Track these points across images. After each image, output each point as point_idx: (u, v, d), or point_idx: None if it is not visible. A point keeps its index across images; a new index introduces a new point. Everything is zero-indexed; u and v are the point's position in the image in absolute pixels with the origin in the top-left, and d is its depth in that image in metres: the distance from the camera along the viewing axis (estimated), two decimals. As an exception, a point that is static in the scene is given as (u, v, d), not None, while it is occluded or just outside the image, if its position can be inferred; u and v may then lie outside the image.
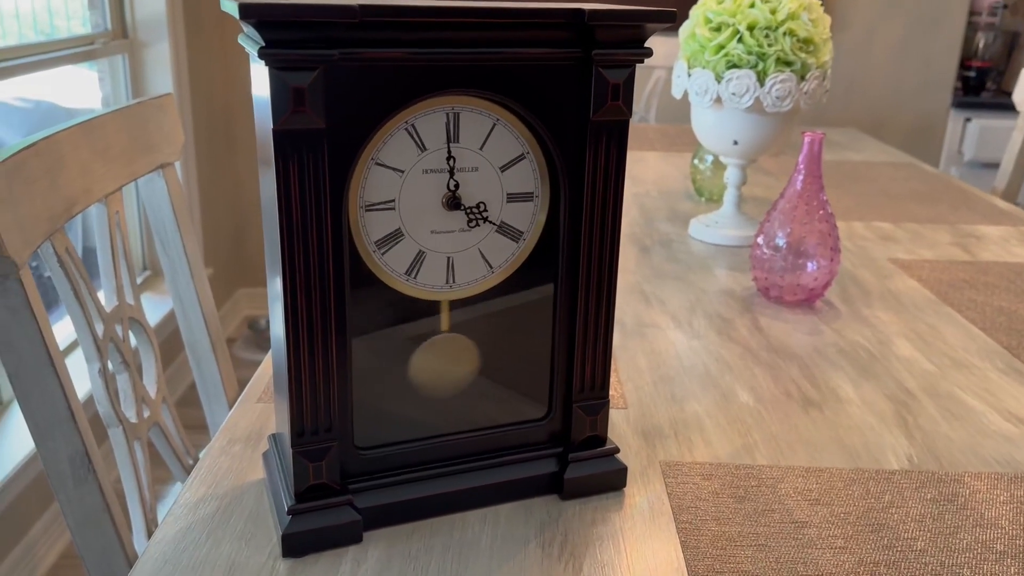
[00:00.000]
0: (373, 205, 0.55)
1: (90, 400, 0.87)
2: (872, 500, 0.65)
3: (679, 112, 2.62)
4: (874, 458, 0.71)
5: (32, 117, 2.16)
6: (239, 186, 2.93)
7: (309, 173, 0.51)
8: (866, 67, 2.99)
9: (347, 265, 0.55)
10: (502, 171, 0.58)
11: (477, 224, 0.59)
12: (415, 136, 0.55)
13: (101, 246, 0.92)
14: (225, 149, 2.83)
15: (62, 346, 1.90)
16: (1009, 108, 2.96)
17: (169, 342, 2.34)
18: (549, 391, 0.64)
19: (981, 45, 3.09)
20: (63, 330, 1.98)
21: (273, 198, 0.52)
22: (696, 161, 1.47)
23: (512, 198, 0.59)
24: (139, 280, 2.43)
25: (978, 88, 3.10)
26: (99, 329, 0.86)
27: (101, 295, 0.91)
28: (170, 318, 2.30)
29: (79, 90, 2.33)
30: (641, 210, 1.42)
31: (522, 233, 0.60)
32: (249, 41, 0.51)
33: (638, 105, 2.52)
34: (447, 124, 0.56)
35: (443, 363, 0.62)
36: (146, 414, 0.93)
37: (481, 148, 0.57)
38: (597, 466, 0.64)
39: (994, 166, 2.74)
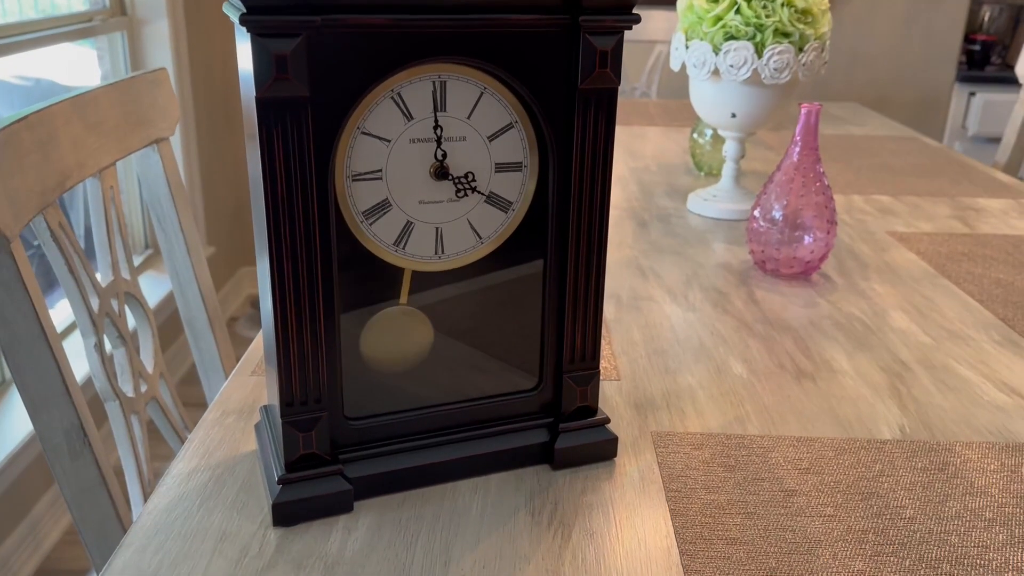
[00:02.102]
0: (360, 175, 0.55)
1: (90, 379, 0.88)
2: (863, 469, 0.65)
3: (681, 87, 2.60)
4: (866, 428, 0.71)
5: (32, 95, 2.15)
6: (240, 165, 2.92)
7: (293, 142, 0.51)
8: (869, 41, 2.96)
9: (334, 235, 0.55)
10: (490, 140, 0.58)
11: (465, 194, 0.58)
12: (401, 105, 0.55)
13: (96, 221, 0.92)
14: (225, 127, 2.83)
15: (61, 327, 1.91)
16: (1014, 82, 2.94)
17: (172, 321, 2.34)
18: (540, 362, 0.64)
19: (986, 18, 3.07)
20: (64, 311, 1.99)
21: (259, 169, 0.52)
22: (695, 135, 1.47)
23: (501, 168, 0.59)
24: (141, 259, 2.43)
25: (983, 62, 3.08)
26: (95, 304, 0.86)
27: (100, 275, 0.91)
28: (173, 297, 2.31)
29: (78, 68, 2.33)
30: (640, 185, 1.41)
31: (511, 203, 0.60)
32: (232, 9, 0.50)
33: (639, 80, 2.50)
34: (434, 92, 0.55)
35: (393, 337, 0.61)
36: (143, 389, 0.93)
37: (469, 117, 0.57)
38: (588, 436, 0.64)
39: (999, 140, 2.73)
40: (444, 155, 0.57)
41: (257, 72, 0.49)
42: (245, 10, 0.47)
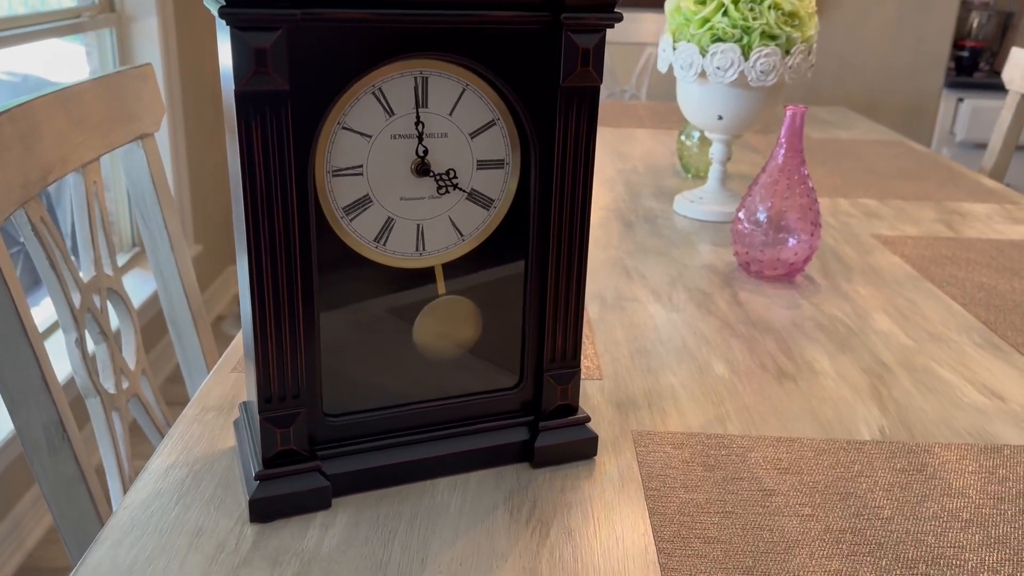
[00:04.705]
0: (340, 170, 0.55)
1: (72, 378, 0.87)
2: (841, 469, 0.65)
3: (671, 90, 2.61)
4: (846, 429, 0.71)
5: (19, 91, 2.14)
6: (229, 163, 2.91)
7: (273, 136, 0.50)
8: (858, 46, 2.98)
9: (313, 230, 0.55)
10: (472, 137, 0.58)
11: (447, 191, 0.58)
12: (382, 100, 0.54)
13: (79, 216, 0.92)
14: (214, 125, 2.82)
15: (44, 327, 1.90)
16: (1001, 88, 2.96)
17: (157, 320, 2.33)
18: (520, 360, 0.64)
19: (975, 25, 3.09)
20: (46, 310, 1.97)
21: (239, 164, 0.51)
22: (683, 137, 1.47)
23: (482, 165, 0.59)
24: (127, 257, 2.42)
25: (971, 68, 3.10)
26: (76, 300, 0.86)
27: (83, 272, 0.90)
28: (158, 297, 2.30)
29: (67, 64, 2.32)
30: (627, 186, 1.41)
31: (493, 201, 0.60)
32: (212, 2, 0.50)
33: (629, 82, 2.51)
34: (415, 88, 0.55)
35: (446, 325, 0.62)
36: (125, 385, 0.93)
37: (450, 114, 0.57)
38: (568, 435, 0.64)
39: (986, 146, 2.74)
40: (426, 151, 0.57)
41: (236, 66, 0.48)
42: (224, 3, 0.47)
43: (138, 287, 2.32)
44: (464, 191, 0.59)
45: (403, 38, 0.53)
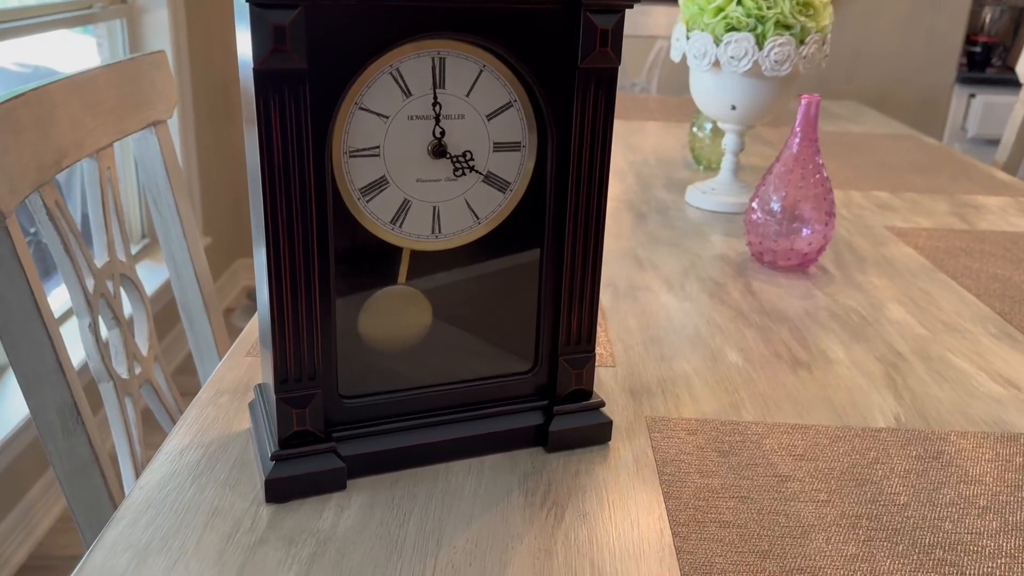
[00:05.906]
0: (357, 151, 0.55)
1: (86, 365, 0.87)
2: (857, 456, 0.65)
3: (681, 83, 2.60)
4: (861, 416, 0.71)
5: (29, 82, 2.15)
6: (238, 155, 2.92)
7: (291, 116, 0.50)
8: (871, 40, 2.96)
9: (331, 210, 0.54)
10: (489, 119, 0.58)
11: (463, 173, 0.58)
12: (400, 81, 0.54)
13: (92, 202, 0.92)
14: (224, 118, 2.82)
15: (59, 312, 1.91)
16: (1014, 84, 2.94)
17: (168, 310, 2.34)
18: (535, 344, 0.63)
19: (987, 20, 3.07)
20: (60, 298, 1.98)
21: (257, 153, 0.51)
22: (695, 129, 1.46)
23: (499, 147, 0.59)
24: (139, 247, 2.43)
25: (983, 64, 3.08)
26: (90, 284, 0.86)
27: (96, 258, 0.91)
28: (169, 287, 2.30)
29: (77, 55, 2.32)
30: (638, 178, 1.41)
31: (509, 183, 0.60)
32: (231, -20, 0.50)
33: (640, 75, 2.50)
34: (433, 69, 0.55)
35: (391, 317, 0.61)
36: (137, 371, 0.93)
37: (467, 95, 0.56)
38: (582, 419, 0.64)
39: (998, 142, 2.72)
40: (442, 133, 0.57)
41: (255, 44, 0.48)
42: (244, -20, 0.47)
43: (149, 277, 2.32)
44: (480, 173, 0.59)
45: (421, 18, 0.52)
